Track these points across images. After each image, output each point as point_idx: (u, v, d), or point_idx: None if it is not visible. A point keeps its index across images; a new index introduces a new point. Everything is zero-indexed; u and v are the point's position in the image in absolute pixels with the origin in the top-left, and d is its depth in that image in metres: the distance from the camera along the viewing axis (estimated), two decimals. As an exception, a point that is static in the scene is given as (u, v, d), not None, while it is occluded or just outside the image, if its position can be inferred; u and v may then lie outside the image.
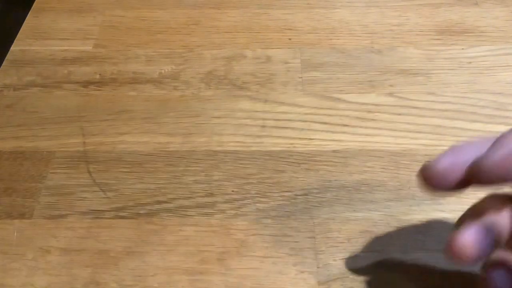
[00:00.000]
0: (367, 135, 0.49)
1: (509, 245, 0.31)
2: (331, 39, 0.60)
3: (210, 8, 0.64)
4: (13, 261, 0.41)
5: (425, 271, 0.40)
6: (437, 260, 0.41)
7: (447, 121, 0.50)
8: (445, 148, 0.48)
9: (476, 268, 0.36)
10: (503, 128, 0.49)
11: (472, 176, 0.29)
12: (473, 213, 0.31)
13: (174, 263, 0.41)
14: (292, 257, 0.41)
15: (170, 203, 0.45)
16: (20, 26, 0.62)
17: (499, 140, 0.30)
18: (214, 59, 0.58)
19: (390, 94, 0.53)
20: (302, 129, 0.50)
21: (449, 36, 0.60)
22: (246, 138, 0.50)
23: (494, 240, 0.29)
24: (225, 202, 0.45)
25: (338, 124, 0.50)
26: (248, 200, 0.45)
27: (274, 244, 0.42)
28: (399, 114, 0.51)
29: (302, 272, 0.40)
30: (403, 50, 0.58)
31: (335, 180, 0.46)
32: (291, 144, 0.49)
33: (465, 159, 0.30)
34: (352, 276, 0.40)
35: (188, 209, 0.44)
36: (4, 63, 0.58)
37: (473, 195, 0.45)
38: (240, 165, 0.47)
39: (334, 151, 0.48)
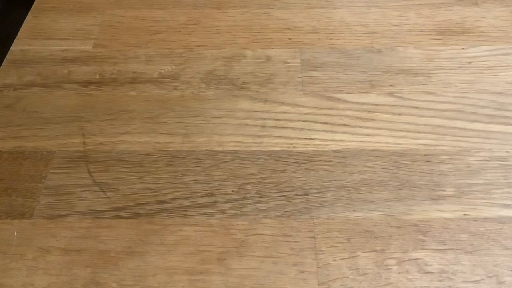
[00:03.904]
0: (367, 135, 0.49)
1: None
2: (331, 39, 0.60)
3: (210, 8, 0.64)
4: (13, 261, 0.41)
5: (425, 271, 0.40)
6: (437, 260, 0.41)
7: (447, 121, 0.50)
8: (445, 148, 0.48)
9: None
10: (503, 128, 0.50)
11: None
12: None
13: (174, 263, 0.41)
14: (292, 257, 0.41)
15: (170, 203, 0.45)
16: (20, 26, 0.62)
17: None
18: (214, 59, 0.58)
19: (390, 94, 0.53)
20: (302, 129, 0.50)
21: (449, 36, 0.60)
22: (246, 138, 0.50)
23: None
24: (225, 202, 0.45)
25: (338, 124, 0.50)
26: (248, 200, 0.45)
27: (274, 244, 0.42)
28: (399, 114, 0.51)
29: (302, 272, 0.40)
30: (403, 50, 0.58)
31: (335, 180, 0.46)
32: (291, 144, 0.49)
33: None
34: (352, 276, 0.40)
35: (188, 209, 0.44)
36: (4, 63, 0.58)
37: (474, 195, 0.45)
38: (240, 165, 0.47)
39: (334, 151, 0.48)
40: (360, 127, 0.50)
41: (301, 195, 0.45)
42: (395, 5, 0.64)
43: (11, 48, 0.60)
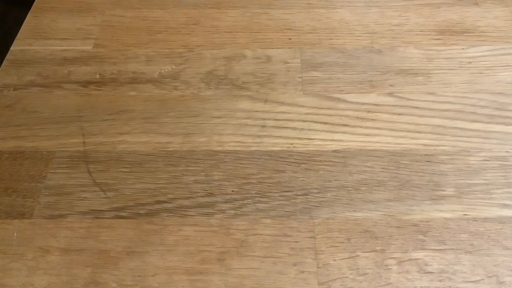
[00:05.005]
0: (367, 135, 0.49)
1: None
2: (331, 39, 0.60)
3: (210, 8, 0.64)
4: (13, 261, 0.41)
5: (425, 271, 0.40)
6: (437, 260, 0.41)
7: (447, 121, 0.50)
8: (445, 148, 0.48)
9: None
10: (503, 128, 0.50)
11: None
12: None
13: (174, 263, 0.41)
14: (292, 257, 0.41)
15: (170, 203, 0.45)
16: (20, 26, 0.62)
17: None
18: (214, 59, 0.58)
19: (390, 94, 0.53)
20: (302, 129, 0.50)
21: (449, 36, 0.60)
22: (246, 138, 0.50)
23: None
24: (225, 202, 0.45)
25: (338, 124, 0.50)
26: (248, 200, 0.45)
27: (274, 244, 0.42)
28: (399, 114, 0.51)
29: (302, 272, 0.40)
30: (403, 50, 0.58)
31: (335, 180, 0.46)
32: (291, 144, 0.49)
33: None
34: (352, 276, 0.40)
35: (188, 209, 0.44)
36: (4, 63, 0.58)
37: (474, 195, 0.45)
38: (240, 165, 0.47)
39: (334, 151, 0.48)
40: (360, 127, 0.50)
41: (301, 195, 0.45)
42: (395, 5, 0.64)
43: (11, 48, 0.60)
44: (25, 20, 0.63)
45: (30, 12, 0.64)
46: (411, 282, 0.40)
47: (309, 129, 0.50)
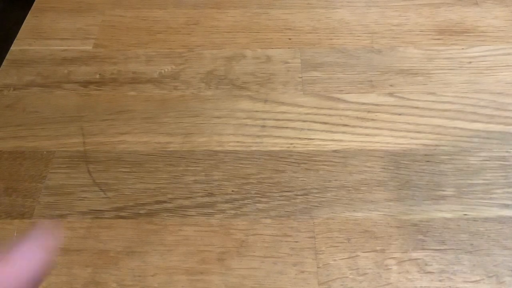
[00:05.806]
0: (367, 135, 0.49)
1: None
2: (331, 39, 0.60)
3: (210, 8, 0.64)
4: (13, 261, 0.41)
5: (425, 271, 0.40)
6: (437, 260, 0.41)
7: (447, 121, 0.50)
8: (445, 148, 0.48)
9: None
10: (503, 128, 0.50)
11: None
12: None
13: (174, 263, 0.41)
14: (292, 257, 0.41)
15: (170, 203, 0.45)
16: (20, 26, 0.62)
17: None
18: (214, 59, 0.58)
19: (390, 94, 0.53)
20: (302, 129, 0.50)
21: (449, 36, 0.60)
22: (246, 138, 0.50)
23: None
24: (225, 202, 0.45)
25: (338, 124, 0.50)
26: (248, 200, 0.45)
27: (274, 244, 0.42)
28: (399, 114, 0.51)
29: (302, 272, 0.40)
30: (403, 50, 0.58)
31: (335, 180, 0.46)
32: (291, 144, 0.49)
33: None
34: (352, 276, 0.40)
35: (188, 209, 0.44)
36: (4, 63, 0.58)
37: (474, 195, 0.45)
38: (240, 165, 0.47)
39: (334, 151, 0.48)
40: (360, 127, 0.50)
41: (301, 195, 0.45)
42: (395, 5, 0.64)
43: (11, 48, 0.60)
44: (25, 20, 0.63)
45: (30, 12, 0.64)
46: (411, 282, 0.40)
47: (309, 129, 0.50)
